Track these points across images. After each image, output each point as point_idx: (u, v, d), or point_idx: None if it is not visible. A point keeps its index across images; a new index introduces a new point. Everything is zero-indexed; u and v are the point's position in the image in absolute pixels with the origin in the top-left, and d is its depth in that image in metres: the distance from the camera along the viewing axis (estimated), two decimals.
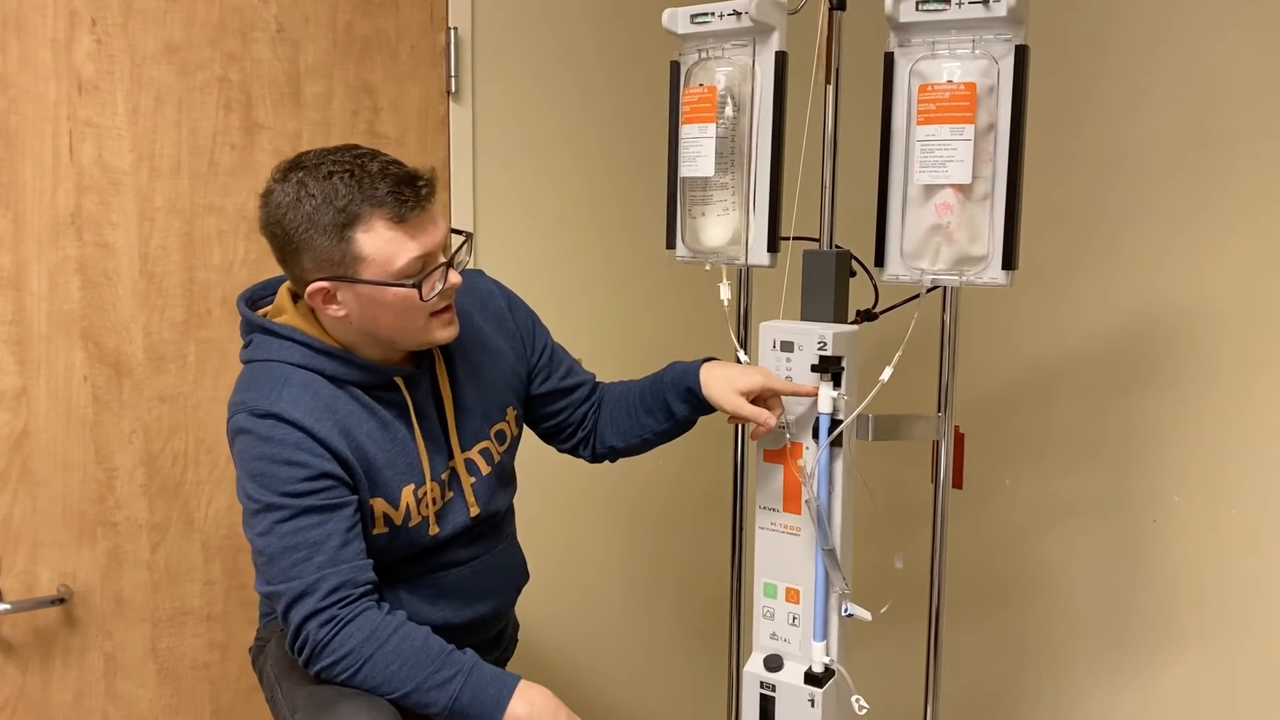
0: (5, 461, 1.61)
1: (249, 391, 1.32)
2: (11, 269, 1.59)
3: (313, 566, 1.27)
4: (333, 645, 1.26)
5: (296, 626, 1.27)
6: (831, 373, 1.38)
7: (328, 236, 1.26)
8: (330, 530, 1.28)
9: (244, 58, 1.77)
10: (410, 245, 1.28)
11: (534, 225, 2.15)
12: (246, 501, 1.30)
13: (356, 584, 1.29)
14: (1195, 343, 1.81)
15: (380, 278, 1.28)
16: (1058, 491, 2.01)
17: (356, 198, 1.26)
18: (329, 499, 1.29)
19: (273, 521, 1.27)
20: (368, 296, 1.29)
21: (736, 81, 1.47)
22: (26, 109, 1.59)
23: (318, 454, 1.29)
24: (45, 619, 1.66)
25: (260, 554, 1.29)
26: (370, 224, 1.26)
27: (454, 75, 1.99)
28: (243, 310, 1.40)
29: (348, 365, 1.34)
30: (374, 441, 1.34)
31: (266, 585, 1.29)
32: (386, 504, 1.36)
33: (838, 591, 1.42)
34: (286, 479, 1.27)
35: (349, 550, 1.29)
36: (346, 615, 1.27)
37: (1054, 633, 2.04)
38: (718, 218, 1.52)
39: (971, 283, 1.35)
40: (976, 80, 1.30)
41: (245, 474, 1.30)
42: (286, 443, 1.28)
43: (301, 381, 1.31)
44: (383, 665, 1.27)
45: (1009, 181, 1.31)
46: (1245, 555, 1.78)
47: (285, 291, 1.41)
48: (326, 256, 1.28)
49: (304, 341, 1.34)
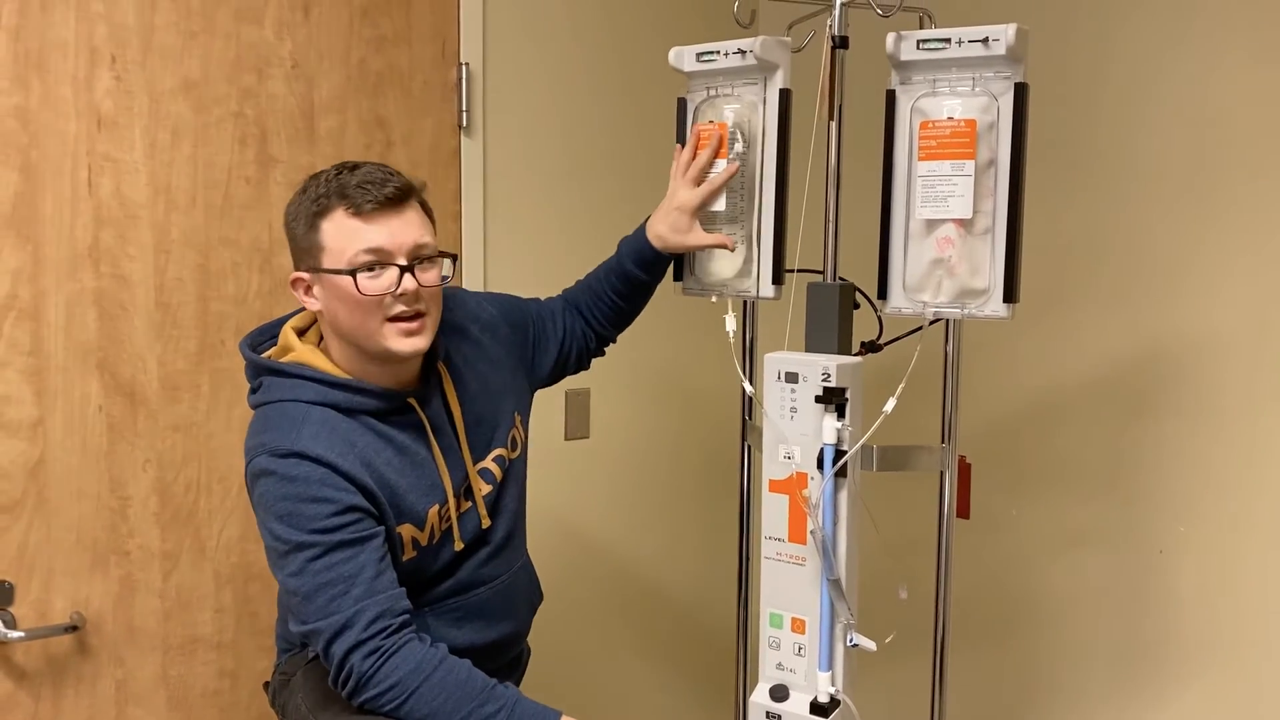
0: (21, 490, 1.63)
1: (267, 433, 1.33)
2: (30, 301, 1.62)
3: (350, 600, 1.28)
4: (379, 676, 1.28)
5: (340, 660, 1.28)
6: (835, 404, 1.40)
7: (303, 226, 1.35)
8: (363, 562, 1.29)
9: (259, 93, 1.81)
10: (363, 237, 1.31)
11: (543, 255, 2.18)
12: (275, 543, 1.31)
13: (395, 613, 1.30)
14: (1200, 373, 1.82)
15: (335, 266, 1.32)
16: (1064, 521, 2.02)
17: (327, 191, 1.33)
18: (358, 532, 1.30)
19: (305, 560, 1.28)
20: (330, 288, 1.34)
21: (744, 118, 1.50)
22: (47, 144, 1.62)
23: (343, 488, 1.30)
24: (58, 647, 1.68)
25: (295, 594, 1.30)
26: (333, 214, 1.33)
27: (466, 109, 2.03)
28: (247, 355, 1.42)
29: (360, 394, 1.36)
30: (394, 469, 1.36)
31: (303, 624, 1.30)
32: (414, 528, 1.38)
33: (843, 622, 1.43)
34: (315, 516, 1.29)
35: (383, 580, 1.31)
36: (390, 646, 1.28)
37: (1060, 663, 2.04)
38: (725, 251, 1.54)
39: (973, 315, 1.37)
40: (977, 117, 1.32)
41: (272, 515, 1.30)
42: (311, 480, 1.29)
43: (319, 418, 1.33)
44: (429, 698, 1.28)
45: (1009, 216, 1.33)
46: (1252, 586, 1.78)
47: (288, 330, 1.43)
48: (301, 246, 1.36)
49: (314, 377, 1.36)
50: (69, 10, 1.62)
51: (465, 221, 2.05)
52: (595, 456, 2.29)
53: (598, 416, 2.29)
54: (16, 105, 1.59)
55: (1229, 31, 1.76)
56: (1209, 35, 1.78)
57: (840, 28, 1.47)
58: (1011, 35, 1.29)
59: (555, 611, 1.83)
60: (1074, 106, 1.95)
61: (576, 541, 1.67)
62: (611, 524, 2.31)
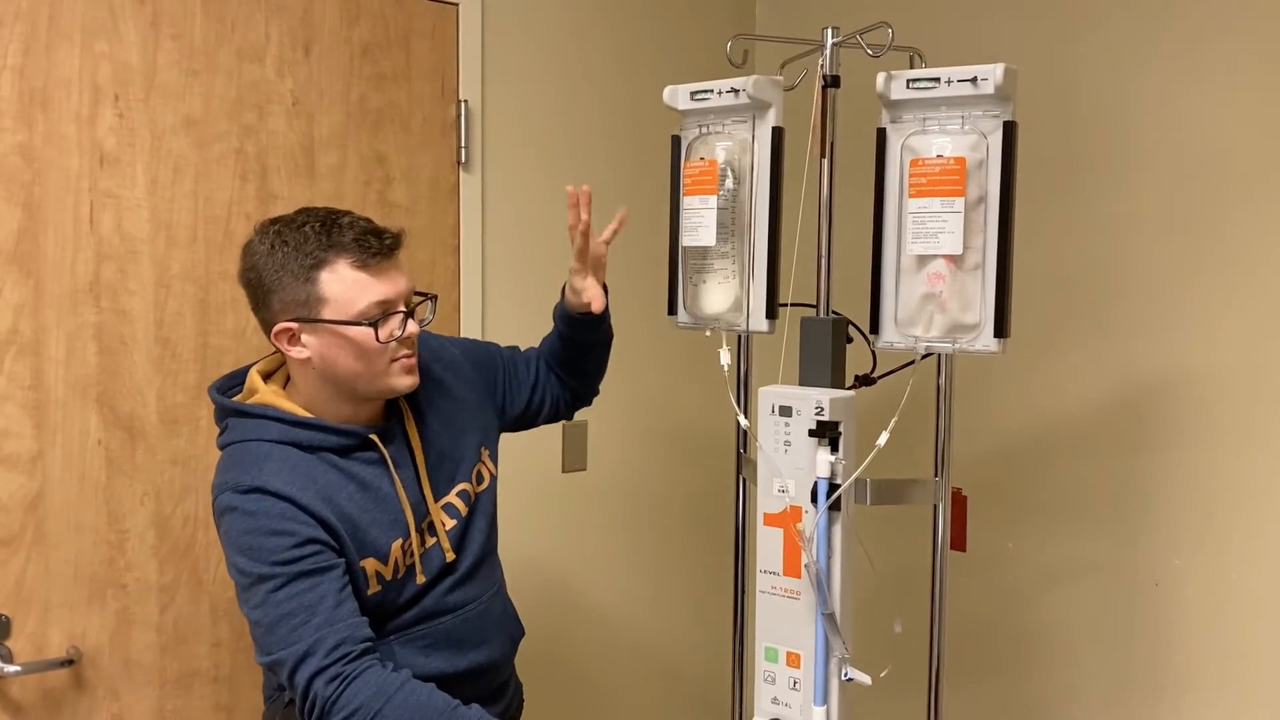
0: (19, 524, 1.64)
1: (230, 471, 1.37)
2: (31, 335, 1.64)
3: (311, 629, 1.30)
4: (341, 701, 1.29)
5: (304, 687, 1.30)
6: (829, 437, 1.41)
7: (296, 279, 1.35)
8: (323, 593, 1.32)
9: (260, 130, 1.83)
10: (371, 290, 1.36)
11: (540, 290, 2.19)
12: (239, 577, 1.34)
13: (356, 640, 1.32)
14: (1194, 406, 1.83)
15: (340, 318, 1.35)
16: (1060, 554, 2.02)
17: (324, 243, 1.35)
18: (318, 563, 1.33)
19: (267, 592, 1.31)
20: (328, 337, 1.36)
21: (736, 155, 1.52)
22: (50, 181, 1.64)
23: (303, 521, 1.33)
24: (55, 681, 1.68)
25: (258, 625, 1.33)
26: (335, 267, 1.35)
27: (464, 145, 2.05)
28: (214, 398, 1.45)
29: (322, 432, 1.39)
30: (355, 504, 1.39)
31: (267, 655, 1.32)
32: (378, 562, 1.40)
33: (838, 656, 1.43)
34: (275, 548, 1.32)
35: (343, 610, 1.33)
36: (352, 671, 1.30)
37: (1057, 696, 2.03)
38: (718, 285, 1.56)
39: (964, 350, 1.38)
40: (966, 155, 1.34)
41: (235, 549, 1.34)
42: (272, 514, 1.33)
43: (280, 456, 1.37)
44: (392, 719, 1.29)
45: (999, 252, 1.34)
46: (1247, 617, 1.78)
47: (254, 374, 1.47)
48: (293, 298, 1.36)
49: (277, 417, 1.39)
50: (73, 49, 1.65)
51: (463, 256, 2.07)
52: (592, 489, 2.30)
53: (595, 449, 2.30)
54: (21, 143, 1.61)
55: (1228, 70, 1.78)
56: (1208, 72, 1.81)
57: (831, 67, 1.50)
58: (1000, 75, 1.31)
59: (548, 641, 1.83)
60: (1068, 143, 1.98)
61: (572, 572, 1.68)
62: (607, 555, 2.32)
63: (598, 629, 1.67)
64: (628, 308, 2.30)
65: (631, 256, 2.28)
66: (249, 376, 1.47)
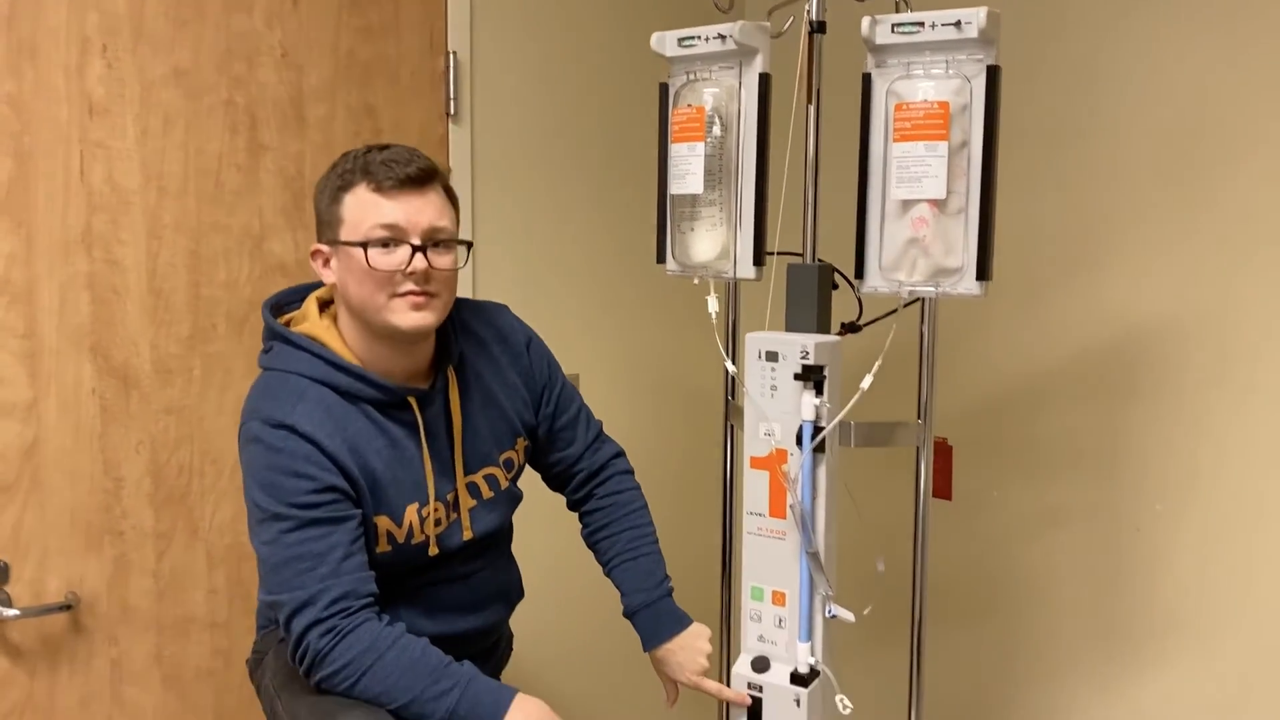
0: (16, 471, 1.66)
1: (263, 400, 1.36)
2: (24, 285, 1.65)
3: (315, 577, 1.30)
4: (333, 655, 1.29)
5: (298, 636, 1.30)
6: (814, 381, 1.43)
7: (329, 201, 1.38)
8: (334, 543, 1.32)
9: (249, 81, 1.83)
10: (379, 212, 1.34)
11: (530, 240, 2.21)
12: (254, 509, 1.34)
13: (358, 595, 1.32)
14: (1174, 356, 1.86)
15: (349, 238, 1.35)
16: (1044, 502, 2.05)
17: (354, 167, 1.36)
18: (334, 512, 1.33)
19: (279, 531, 1.31)
20: (344, 260, 1.37)
21: (723, 102, 1.53)
22: (40, 131, 1.65)
23: (326, 468, 1.33)
24: (53, 625, 1.70)
25: (264, 562, 1.33)
26: (356, 189, 1.36)
27: (453, 98, 2.06)
28: (266, 317, 1.45)
29: (362, 382, 1.38)
30: (382, 459, 1.38)
31: (269, 594, 1.33)
32: (391, 521, 1.40)
33: (822, 594, 1.46)
34: (294, 490, 1.31)
35: (351, 563, 1.33)
36: (347, 626, 1.30)
37: (1042, 639, 2.08)
38: (706, 233, 1.57)
39: (947, 294, 1.40)
40: (950, 99, 1.35)
41: (254, 482, 1.33)
42: (297, 455, 1.32)
43: (316, 397, 1.36)
44: (382, 676, 1.29)
45: (982, 196, 1.36)
46: (1225, 561, 1.82)
47: (313, 299, 1.46)
48: (325, 220, 1.39)
49: (321, 355, 1.38)
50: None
51: None
52: None
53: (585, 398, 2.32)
54: (9, 93, 1.62)
55: (1217, 19, 1.79)
56: (1195, 20, 1.81)
57: (818, 13, 1.50)
58: (983, 18, 1.32)
59: (540, 591, 1.86)
60: (1054, 92, 1.99)
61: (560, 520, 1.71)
62: None
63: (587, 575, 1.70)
64: (615, 255, 2.32)
65: (620, 205, 2.30)
66: (308, 300, 1.46)
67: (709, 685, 1.54)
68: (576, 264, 2.28)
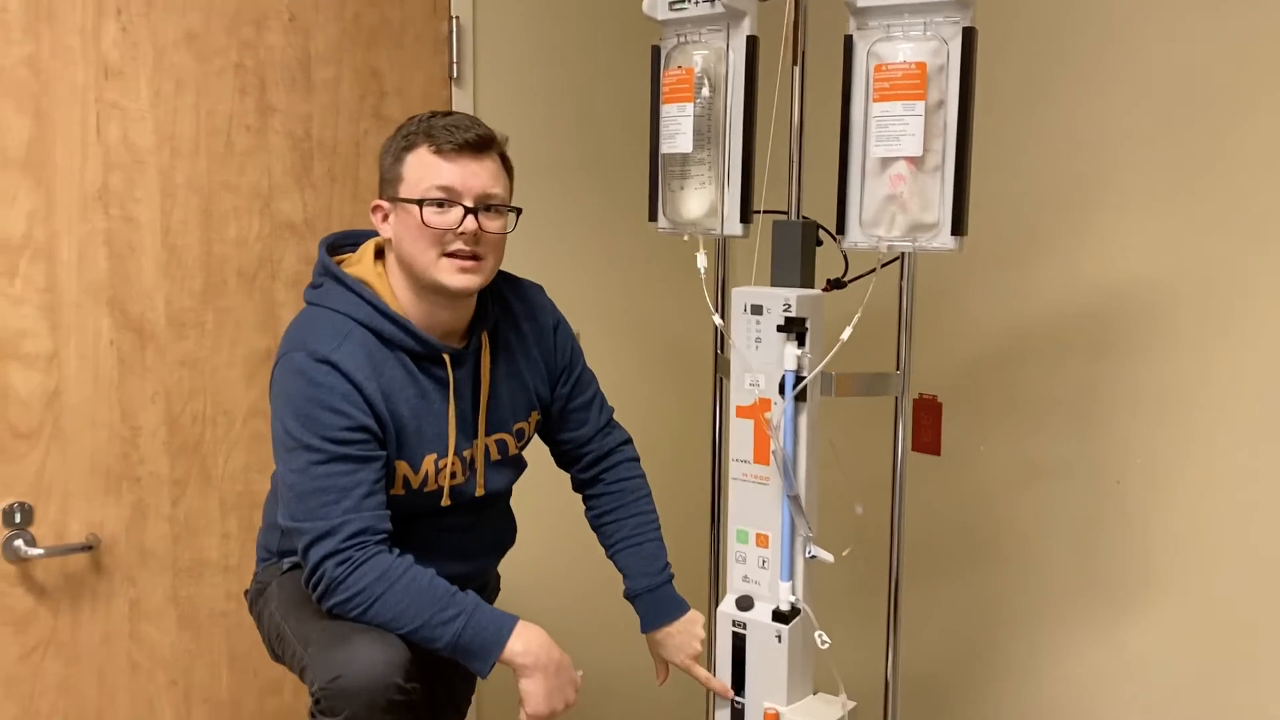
0: (38, 419, 1.74)
1: (309, 332, 1.43)
2: (45, 241, 1.72)
3: (339, 510, 1.38)
4: (348, 583, 1.37)
5: (315, 564, 1.38)
6: (796, 333, 1.49)
7: (392, 160, 1.46)
8: (359, 480, 1.40)
9: (258, 45, 1.89)
10: (437, 173, 1.42)
11: (530, 200, 2.25)
12: (285, 437, 1.40)
13: (375, 531, 1.40)
14: (1153, 315, 1.91)
15: (408, 196, 1.43)
16: (1029, 456, 2.11)
17: (418, 129, 1.45)
18: (363, 450, 1.41)
19: (308, 461, 1.38)
20: (401, 215, 1.44)
21: (712, 64, 1.58)
22: (57, 92, 1.72)
23: (361, 408, 1.41)
24: (75, 565, 1.79)
25: (290, 489, 1.40)
26: (418, 150, 1.44)
27: (456, 61, 2.11)
28: (321, 254, 1.52)
29: (404, 332, 1.46)
30: (410, 407, 1.46)
31: (292, 520, 1.40)
32: (408, 468, 1.48)
33: (802, 535, 1.53)
34: (330, 425, 1.39)
35: (372, 500, 1.41)
36: (361, 557, 1.38)
37: (1027, 588, 2.14)
38: (695, 191, 1.63)
39: (923, 248, 1.45)
40: (927, 60, 1.40)
41: (289, 411, 1.40)
42: (336, 391, 1.39)
43: (359, 339, 1.43)
44: (392, 603, 1.38)
45: (957, 154, 1.41)
46: (1201, 512, 1.88)
47: (371, 245, 1.54)
48: (386, 177, 1.47)
49: (370, 300, 1.46)
50: None
51: None
52: None
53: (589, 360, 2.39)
54: (28, 55, 1.68)
55: None
56: None
57: None
58: None
59: (534, 542, 1.93)
60: (1040, 54, 2.03)
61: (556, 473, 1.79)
62: None
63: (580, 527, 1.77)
64: (612, 214, 2.38)
65: (617, 166, 2.35)
66: (364, 246, 1.54)
67: (699, 672, 1.64)
68: (575, 224, 2.34)
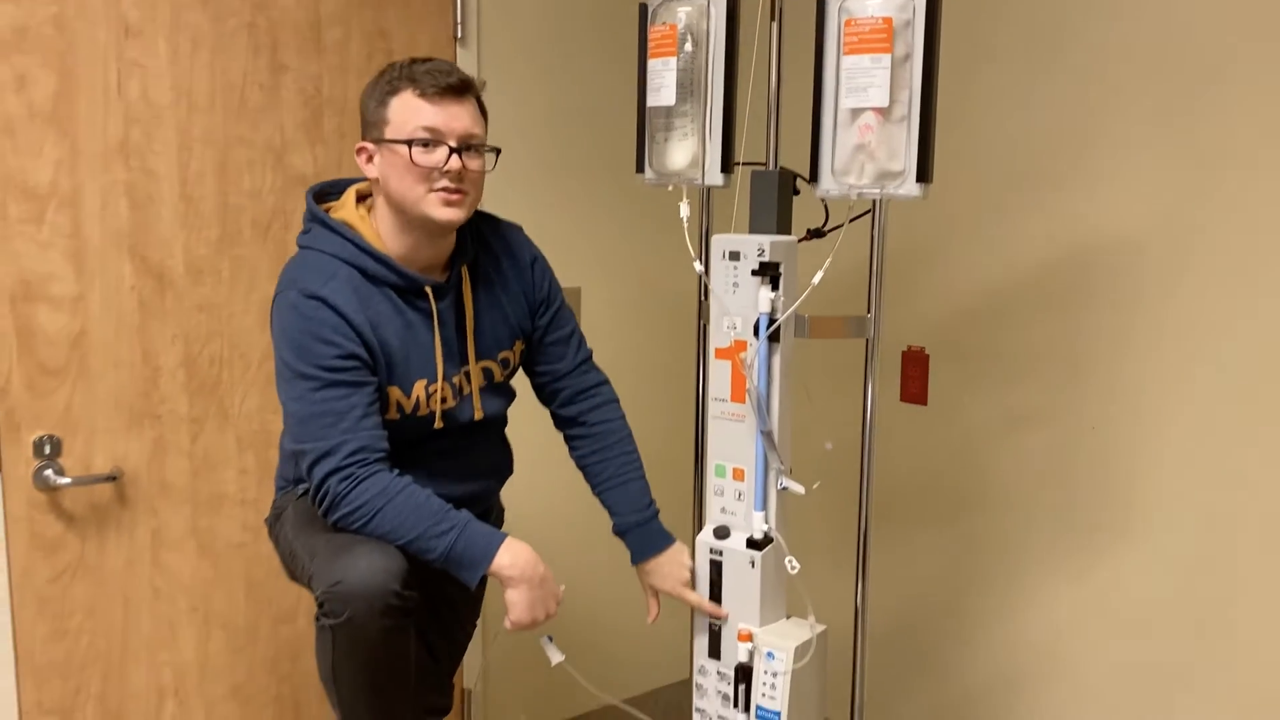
0: (65, 358, 1.86)
1: (299, 272, 1.55)
2: (70, 190, 1.83)
3: (337, 431, 1.49)
4: (350, 497, 1.49)
5: (320, 481, 1.50)
6: (770, 276, 1.57)
7: (376, 104, 1.55)
8: (354, 403, 1.51)
9: (270, 6, 1.99)
10: (423, 114, 1.51)
11: (530, 155, 2.35)
12: (284, 368, 1.53)
13: (373, 449, 1.51)
14: (1130, 267, 1.97)
15: (394, 137, 1.52)
16: (1010, 405, 2.18)
17: (401, 74, 1.54)
18: (354, 377, 1.52)
19: (306, 389, 1.50)
20: (388, 155, 1.53)
21: (695, 20, 1.66)
22: (81, 50, 1.82)
23: (350, 338, 1.52)
24: (101, 495, 1.92)
25: (292, 416, 1.53)
26: (402, 94, 1.53)
27: (460, 22, 2.20)
28: (308, 202, 1.63)
29: (387, 269, 1.57)
30: (397, 337, 1.57)
31: (296, 443, 1.53)
32: (400, 393, 1.59)
33: (775, 468, 1.62)
34: (322, 354, 1.50)
35: (368, 421, 1.52)
36: (363, 474, 1.49)
37: (1009, 532, 2.22)
38: (679, 143, 1.71)
39: (891, 195, 1.53)
40: (893, 15, 1.47)
41: (286, 343, 1.52)
42: (326, 323, 1.51)
43: (345, 276, 1.54)
44: (391, 516, 1.49)
45: (922, 105, 1.48)
46: (1173, 457, 1.95)
47: (353, 191, 1.64)
48: (370, 120, 1.56)
49: (353, 240, 1.56)
50: None
51: None
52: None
53: (587, 312, 2.48)
54: (53, 14, 1.79)
55: None
56: None
57: None
58: None
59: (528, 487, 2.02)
60: (1026, 10, 2.08)
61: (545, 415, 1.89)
62: None
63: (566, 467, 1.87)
64: (604, 166, 2.46)
65: (611, 120, 2.43)
66: (348, 192, 1.64)
67: (690, 596, 1.72)
68: (573, 179, 2.44)
